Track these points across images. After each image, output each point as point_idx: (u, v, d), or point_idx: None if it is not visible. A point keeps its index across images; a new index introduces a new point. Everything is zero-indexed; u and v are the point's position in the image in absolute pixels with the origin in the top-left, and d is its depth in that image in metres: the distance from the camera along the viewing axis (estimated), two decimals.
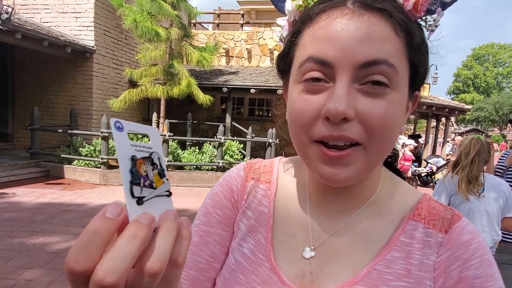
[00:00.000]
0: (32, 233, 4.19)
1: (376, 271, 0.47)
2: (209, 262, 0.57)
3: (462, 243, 0.46)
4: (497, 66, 51.15)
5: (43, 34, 7.39)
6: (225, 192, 0.60)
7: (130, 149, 0.31)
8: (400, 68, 0.42)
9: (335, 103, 0.40)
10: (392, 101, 0.42)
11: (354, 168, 0.44)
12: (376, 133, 0.42)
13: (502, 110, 38.82)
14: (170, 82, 8.68)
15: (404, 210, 0.52)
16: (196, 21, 12.58)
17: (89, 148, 7.87)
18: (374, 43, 0.41)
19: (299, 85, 0.45)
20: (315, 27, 0.44)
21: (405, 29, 0.43)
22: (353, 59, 0.40)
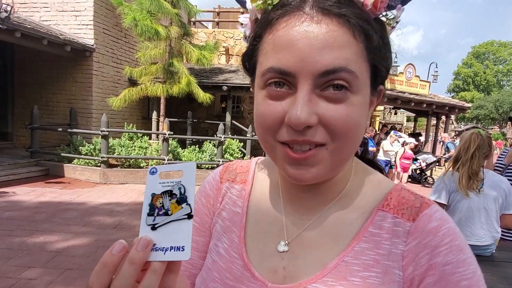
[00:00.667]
0: (33, 232, 4.20)
1: (345, 263, 0.48)
2: (188, 269, 0.60)
3: (430, 230, 0.46)
4: (497, 64, 51.08)
5: (42, 33, 7.38)
6: (202, 198, 0.63)
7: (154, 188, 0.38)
8: (359, 73, 0.43)
9: (297, 113, 0.41)
10: (353, 105, 0.43)
11: (319, 168, 0.45)
12: (339, 136, 0.43)
13: (502, 108, 38.80)
14: (170, 80, 8.68)
15: (374, 201, 0.52)
16: (196, 19, 12.57)
17: (89, 147, 7.87)
18: (332, 51, 0.41)
19: (262, 91, 0.46)
20: (275, 34, 0.44)
21: (363, 33, 0.43)
22: (313, 69, 0.41)
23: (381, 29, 0.46)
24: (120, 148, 7.93)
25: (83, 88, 9.14)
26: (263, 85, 0.46)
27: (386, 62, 0.48)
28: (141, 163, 7.96)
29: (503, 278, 2.08)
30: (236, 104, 12.69)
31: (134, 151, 8.00)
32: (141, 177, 7.55)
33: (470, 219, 2.28)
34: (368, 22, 0.43)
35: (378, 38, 0.45)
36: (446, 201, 2.38)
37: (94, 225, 4.62)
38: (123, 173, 7.53)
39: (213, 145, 8.83)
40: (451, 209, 2.39)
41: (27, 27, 7.02)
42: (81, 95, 9.17)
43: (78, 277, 3.16)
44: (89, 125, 9.05)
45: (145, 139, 8.55)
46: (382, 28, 0.47)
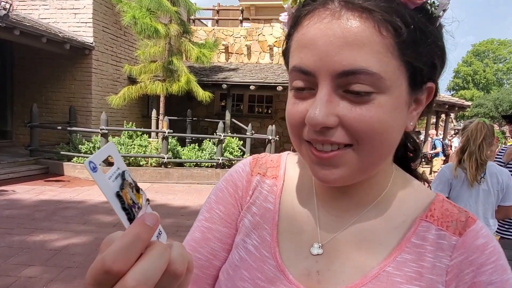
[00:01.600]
0: (32, 230, 4.19)
1: (386, 273, 0.46)
2: (208, 259, 0.56)
3: (477, 247, 0.45)
4: (497, 62, 51.06)
5: (41, 31, 7.35)
6: (229, 188, 0.59)
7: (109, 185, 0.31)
8: (387, 73, 0.40)
9: (314, 113, 0.41)
10: (379, 105, 0.41)
11: (344, 169, 0.44)
12: (363, 138, 0.42)
13: (502, 106, 38.80)
14: (169, 78, 8.66)
15: (416, 210, 0.50)
16: (195, 17, 12.54)
17: (89, 145, 7.86)
18: (352, 50, 0.39)
19: (291, 91, 0.46)
20: (299, 32, 0.43)
21: (391, 27, 0.39)
22: (331, 69, 0.40)
23: (421, 19, 0.41)
24: (119, 146, 7.92)
25: (83, 86, 9.12)
26: (291, 84, 0.46)
27: (428, 59, 0.43)
28: (141, 161, 7.95)
29: None
30: (236, 102, 12.69)
31: (134, 150, 7.99)
32: (140, 175, 7.54)
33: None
34: (398, 13, 0.39)
35: (414, 31, 0.40)
36: (447, 194, 2.39)
37: (93, 224, 4.61)
38: None
39: (213, 143, 8.82)
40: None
41: (26, 25, 6.99)
42: (81, 93, 9.15)
43: (78, 275, 3.15)
44: (88, 124, 9.04)
45: (144, 138, 8.54)
46: (423, 18, 0.42)
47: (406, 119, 0.46)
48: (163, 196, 6.37)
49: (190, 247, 0.57)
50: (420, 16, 0.41)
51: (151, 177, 7.61)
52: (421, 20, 0.41)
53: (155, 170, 7.70)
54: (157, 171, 7.68)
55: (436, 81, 0.47)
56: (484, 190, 2.31)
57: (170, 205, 5.79)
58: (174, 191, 6.86)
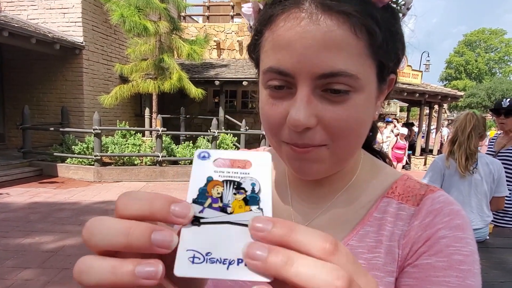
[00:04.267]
0: (28, 233, 4.18)
1: (350, 246, 0.49)
2: None
3: (431, 211, 0.47)
4: (489, 51, 51.36)
5: (30, 31, 7.26)
6: None
7: (208, 172, 0.27)
8: (361, 73, 0.42)
9: (296, 115, 0.41)
10: (355, 104, 0.43)
11: (321, 164, 0.46)
12: (339, 136, 0.44)
13: (494, 95, 39.06)
14: (161, 76, 8.61)
15: (381, 190, 0.53)
16: (186, 13, 12.45)
17: (82, 146, 7.81)
18: (331, 53, 0.40)
19: (265, 90, 0.46)
20: (274, 32, 0.43)
21: (366, 30, 0.41)
22: (311, 71, 0.40)
23: (389, 19, 0.44)
24: (113, 146, 7.89)
25: (74, 86, 9.05)
26: (265, 84, 0.46)
27: (394, 55, 0.46)
28: (135, 160, 7.92)
29: (497, 264, 2.12)
30: (229, 98, 12.65)
31: (128, 149, 7.95)
32: (135, 175, 7.52)
33: (461, 203, 2.32)
34: (372, 16, 0.41)
35: (384, 31, 0.42)
36: (440, 185, 2.42)
37: None
38: (117, 171, 7.50)
39: (207, 140, 8.82)
40: None
41: (15, 26, 6.91)
42: (72, 93, 9.08)
43: None
44: (81, 124, 8.98)
45: (138, 136, 8.50)
46: (390, 17, 0.44)
47: (374, 110, 0.49)
48: None
49: None
50: (387, 15, 0.43)
51: (146, 176, 7.59)
52: (389, 19, 0.43)
53: (149, 168, 7.68)
54: (152, 169, 7.66)
55: (397, 72, 0.51)
56: (476, 180, 2.33)
57: None
58: (170, 189, 6.86)
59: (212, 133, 8.18)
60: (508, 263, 2.15)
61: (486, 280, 0.39)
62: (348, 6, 0.40)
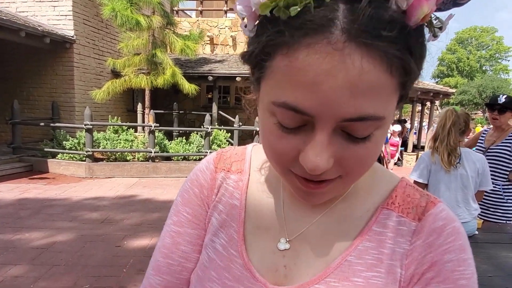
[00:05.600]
0: (17, 229, 4.12)
1: (348, 262, 0.47)
2: (181, 264, 0.56)
3: (434, 230, 0.46)
4: (480, 49, 51.85)
5: (19, 24, 7.13)
6: (194, 188, 0.58)
7: None
8: (388, 111, 0.38)
9: (315, 160, 0.37)
10: (375, 141, 0.39)
11: (331, 194, 0.44)
12: (356, 171, 0.41)
13: (485, 92, 39.53)
14: (154, 71, 8.54)
15: (379, 198, 0.51)
16: (179, 8, 12.33)
17: (73, 141, 7.72)
18: (362, 99, 0.34)
19: (272, 117, 0.39)
20: (292, 62, 0.34)
21: (402, 66, 0.35)
22: (336, 114, 0.35)
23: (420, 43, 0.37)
24: (105, 142, 7.81)
25: (65, 81, 8.92)
26: (271, 114, 0.39)
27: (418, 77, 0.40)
28: (127, 156, 7.86)
29: (487, 259, 2.14)
30: (223, 94, 12.61)
31: (120, 144, 7.89)
32: (127, 171, 7.47)
33: (447, 198, 2.38)
34: (410, 49, 0.35)
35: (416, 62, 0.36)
36: (427, 181, 2.46)
37: (80, 220, 4.56)
38: (109, 167, 7.43)
39: (200, 136, 8.78)
40: (430, 188, 2.47)
41: (3, 19, 6.76)
42: (63, 88, 8.95)
43: (65, 273, 3.12)
44: (72, 119, 8.88)
45: (130, 132, 8.43)
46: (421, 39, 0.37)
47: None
48: (151, 191, 6.33)
49: (162, 254, 0.57)
50: (419, 37, 0.36)
51: (139, 172, 7.54)
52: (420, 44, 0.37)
53: (142, 164, 7.63)
54: (145, 165, 7.61)
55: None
56: (462, 175, 2.37)
57: (158, 199, 5.76)
58: (162, 185, 6.82)
59: (205, 129, 8.15)
60: (497, 258, 2.18)
61: None
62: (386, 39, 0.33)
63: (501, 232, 2.66)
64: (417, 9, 0.33)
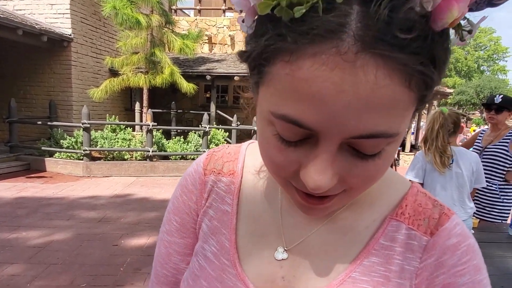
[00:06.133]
0: (15, 228, 4.11)
1: (352, 279, 0.43)
2: (174, 275, 0.55)
3: (448, 248, 0.42)
4: (478, 49, 52.01)
5: (17, 23, 7.09)
6: (183, 195, 0.55)
7: None
8: (402, 128, 0.33)
9: (318, 180, 0.33)
10: (386, 156, 0.34)
11: (333, 207, 0.40)
12: (362, 186, 0.37)
13: (483, 93, 39.62)
14: (152, 70, 8.52)
15: (388, 206, 0.46)
16: (177, 7, 12.30)
17: (71, 140, 7.70)
18: (374, 116, 0.30)
19: (270, 127, 0.35)
20: (295, 70, 0.30)
21: (422, 80, 0.30)
22: (343, 131, 0.31)
23: (444, 48, 0.31)
24: (102, 141, 7.79)
25: (62, 79, 8.89)
26: (270, 125, 0.35)
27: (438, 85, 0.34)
28: (125, 155, 7.85)
29: (483, 258, 2.16)
30: (221, 93, 12.60)
31: (118, 143, 7.87)
32: (125, 170, 7.45)
33: (443, 197, 2.39)
34: (433, 60, 0.29)
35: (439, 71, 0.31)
36: (422, 180, 2.47)
37: (77, 219, 4.55)
38: (106, 165, 7.42)
39: (198, 135, 8.77)
40: (425, 187, 2.49)
41: (1, 17, 6.73)
42: (60, 86, 8.92)
43: (62, 272, 3.12)
44: (69, 118, 8.85)
45: (128, 131, 8.41)
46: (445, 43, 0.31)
47: None
48: (149, 190, 6.32)
49: (158, 264, 0.57)
50: (444, 42, 0.31)
51: (136, 171, 7.53)
52: (444, 49, 0.31)
53: (140, 163, 7.61)
54: (142, 164, 7.60)
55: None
56: (458, 174, 2.39)
57: (155, 199, 5.75)
58: (160, 185, 6.81)
59: (203, 128, 8.14)
60: (492, 257, 2.20)
61: None
62: (407, 50, 0.27)
63: (497, 231, 2.68)
64: (446, 12, 0.28)
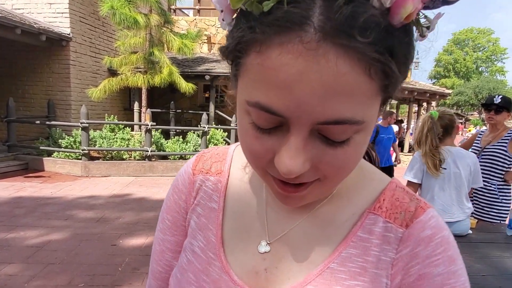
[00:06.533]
0: (12, 228, 4.10)
1: (330, 270, 0.45)
2: (167, 271, 0.58)
3: (423, 239, 0.44)
4: (476, 50, 52.14)
5: (15, 22, 7.07)
6: (175, 194, 0.58)
7: None
8: (368, 115, 0.35)
9: (290, 164, 0.35)
10: (355, 144, 0.37)
11: (310, 197, 0.42)
12: (335, 175, 0.39)
13: (481, 94, 39.78)
14: (151, 70, 8.51)
15: (366, 201, 0.48)
16: (176, 7, 12.30)
17: (69, 140, 7.69)
18: (338, 102, 0.32)
19: (247, 116, 0.38)
20: (264, 59, 0.33)
21: (381, 69, 0.32)
22: (311, 117, 0.33)
23: (406, 43, 0.34)
24: (101, 140, 7.78)
25: (61, 79, 8.87)
26: (246, 113, 0.38)
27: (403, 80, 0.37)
28: (124, 155, 7.83)
29: (480, 258, 2.16)
30: (220, 93, 12.59)
31: (116, 143, 7.86)
32: (124, 169, 7.44)
33: (442, 197, 2.40)
34: (390, 50, 0.32)
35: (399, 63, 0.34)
36: (420, 181, 2.48)
37: (76, 219, 4.54)
38: (105, 165, 7.40)
39: (197, 135, 8.77)
40: (423, 188, 2.49)
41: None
42: (59, 86, 8.90)
43: (60, 272, 3.11)
44: (68, 117, 8.83)
45: (127, 131, 8.40)
46: (406, 39, 0.34)
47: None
48: (147, 190, 6.31)
49: (154, 261, 0.59)
50: (404, 37, 0.34)
51: (135, 171, 7.52)
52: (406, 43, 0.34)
53: (138, 163, 7.60)
54: (141, 164, 7.59)
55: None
56: (455, 174, 2.40)
57: (154, 198, 5.74)
58: (159, 184, 6.80)
59: (202, 128, 8.14)
60: (490, 257, 2.20)
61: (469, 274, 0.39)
62: (365, 40, 0.30)
63: (495, 232, 2.68)
64: (400, 8, 0.31)
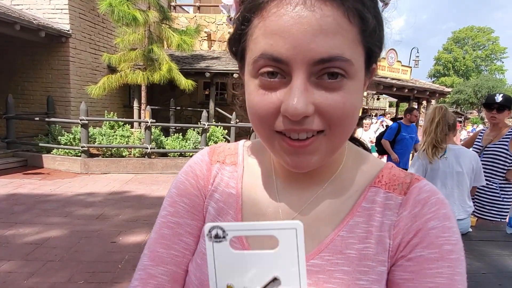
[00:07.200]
0: (11, 224, 4.09)
1: (340, 237, 0.50)
2: (185, 255, 0.57)
3: (419, 201, 0.49)
4: (476, 49, 52.07)
5: (14, 17, 7.04)
6: (190, 179, 0.59)
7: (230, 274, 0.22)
8: (355, 59, 0.42)
9: (294, 103, 0.40)
10: (349, 91, 0.43)
11: (317, 155, 0.46)
12: (336, 123, 0.43)
13: (481, 92, 39.76)
14: (150, 67, 8.48)
15: (367, 179, 0.54)
16: (176, 3, 12.26)
17: (69, 136, 7.67)
18: (327, 38, 0.40)
19: (255, 80, 0.44)
20: (265, 19, 0.41)
21: (358, 16, 0.41)
22: (307, 57, 0.40)
23: (375, 7, 0.45)
24: (101, 137, 7.76)
25: (60, 75, 8.84)
26: (255, 73, 0.44)
27: (380, 42, 0.47)
28: (123, 152, 7.82)
29: (480, 256, 2.16)
30: (220, 91, 12.57)
31: (116, 140, 7.84)
32: (123, 166, 7.43)
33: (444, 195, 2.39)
34: (362, 2, 0.42)
35: (374, 18, 0.43)
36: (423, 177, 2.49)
37: (75, 216, 4.53)
38: (104, 162, 7.39)
39: (197, 132, 8.75)
40: None
41: None
42: (58, 83, 8.87)
43: (60, 269, 3.11)
44: (67, 114, 8.80)
45: (126, 128, 8.38)
46: (375, 5, 0.45)
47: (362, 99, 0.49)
48: (147, 187, 6.30)
49: (162, 245, 0.56)
50: (373, 3, 0.44)
51: (135, 168, 7.51)
52: (375, 7, 0.44)
53: (138, 160, 7.59)
54: (141, 161, 7.58)
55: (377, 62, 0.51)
56: (458, 172, 2.40)
57: (153, 196, 5.74)
58: (158, 182, 6.80)
59: (202, 125, 8.13)
60: (490, 255, 2.20)
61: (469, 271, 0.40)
62: None
63: (495, 230, 2.68)
64: None
